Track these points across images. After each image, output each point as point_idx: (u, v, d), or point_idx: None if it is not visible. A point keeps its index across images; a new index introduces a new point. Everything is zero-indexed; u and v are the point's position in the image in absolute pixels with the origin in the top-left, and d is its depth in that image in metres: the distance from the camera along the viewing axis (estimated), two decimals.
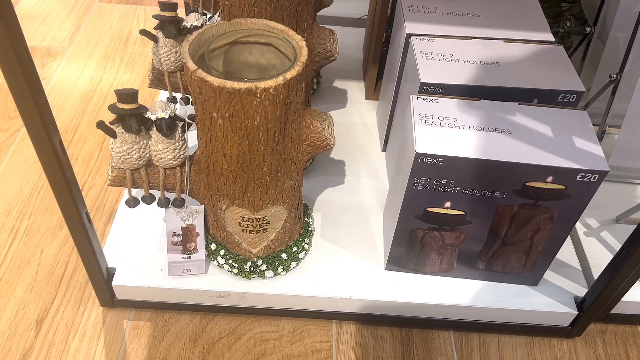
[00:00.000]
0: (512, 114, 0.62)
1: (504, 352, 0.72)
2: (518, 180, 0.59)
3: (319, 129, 0.59)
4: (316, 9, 0.76)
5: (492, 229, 0.65)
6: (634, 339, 0.75)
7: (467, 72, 0.67)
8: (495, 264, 0.69)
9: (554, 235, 0.64)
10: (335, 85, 1.00)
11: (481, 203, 0.62)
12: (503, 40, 0.72)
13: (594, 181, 0.58)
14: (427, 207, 0.63)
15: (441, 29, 0.74)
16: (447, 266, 0.70)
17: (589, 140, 0.60)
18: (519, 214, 0.62)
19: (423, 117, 0.61)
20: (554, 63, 0.69)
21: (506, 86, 0.66)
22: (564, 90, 0.66)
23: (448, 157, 0.57)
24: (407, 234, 0.67)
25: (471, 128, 0.60)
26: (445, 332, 0.73)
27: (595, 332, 0.75)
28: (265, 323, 0.72)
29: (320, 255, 0.73)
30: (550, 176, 0.58)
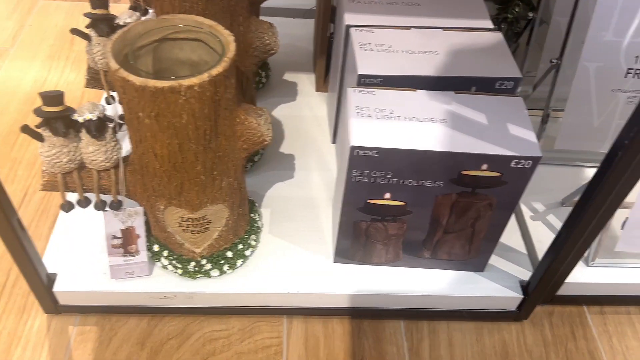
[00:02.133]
0: (448, 104, 0.63)
1: (453, 339, 0.73)
2: (454, 169, 0.59)
3: (254, 124, 0.58)
4: (254, 3, 0.75)
5: (433, 218, 0.65)
6: (580, 319, 0.76)
7: (405, 62, 0.67)
8: (440, 252, 0.70)
9: (494, 221, 0.65)
10: (285, 78, 0.99)
11: (420, 193, 0.62)
12: (442, 29, 0.72)
13: (528, 167, 0.58)
14: (368, 199, 0.63)
15: (381, 19, 0.73)
16: (393, 256, 0.71)
17: (523, 127, 0.60)
18: (458, 203, 0.63)
19: (359, 109, 0.61)
20: (492, 50, 0.70)
21: (444, 75, 0.66)
22: (501, 77, 0.66)
23: (383, 150, 0.57)
24: (351, 226, 0.67)
25: (407, 119, 0.60)
26: (395, 321, 0.74)
27: (542, 314, 0.76)
28: (215, 322, 0.72)
29: (269, 251, 0.73)
30: (485, 164, 0.58)
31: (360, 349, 0.71)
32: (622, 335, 0.75)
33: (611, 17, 0.75)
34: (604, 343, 0.74)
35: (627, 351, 0.73)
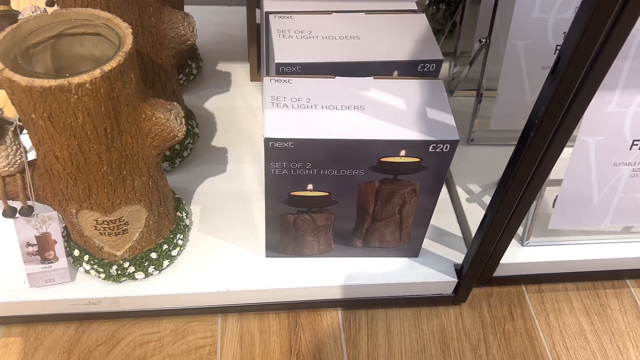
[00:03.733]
0: (367, 90, 0.61)
1: (391, 326, 0.72)
2: (373, 156, 0.58)
3: (163, 120, 0.56)
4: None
5: (359, 207, 0.64)
6: (518, 298, 0.77)
7: (325, 48, 0.65)
8: (372, 240, 0.69)
9: (421, 206, 0.64)
10: (218, 69, 0.97)
11: (342, 182, 0.60)
12: (365, 13, 0.71)
13: (446, 151, 0.57)
14: (291, 191, 0.61)
15: (301, 5, 0.71)
16: (325, 247, 0.69)
17: (441, 110, 0.59)
18: (381, 190, 0.61)
19: (275, 99, 0.59)
20: (415, 33, 0.68)
21: (365, 60, 0.64)
22: (423, 60, 0.65)
23: (298, 140, 0.55)
24: (277, 219, 0.65)
25: (324, 107, 0.59)
26: (332, 312, 0.73)
27: (481, 296, 0.76)
28: (146, 325, 0.70)
29: (199, 249, 0.71)
30: (403, 150, 0.57)
31: (296, 342, 0.70)
32: (559, 312, 0.75)
33: None
34: (541, 321, 0.74)
35: (564, 327, 0.74)
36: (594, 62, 0.48)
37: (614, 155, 0.67)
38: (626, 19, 0.45)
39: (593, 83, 0.49)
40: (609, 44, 0.46)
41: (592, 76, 0.49)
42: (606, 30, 0.45)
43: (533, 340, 0.72)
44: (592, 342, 0.72)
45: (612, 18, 0.45)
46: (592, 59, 0.47)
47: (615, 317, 0.75)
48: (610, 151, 0.67)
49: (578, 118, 0.53)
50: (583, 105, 0.52)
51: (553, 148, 0.56)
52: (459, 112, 0.92)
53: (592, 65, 0.48)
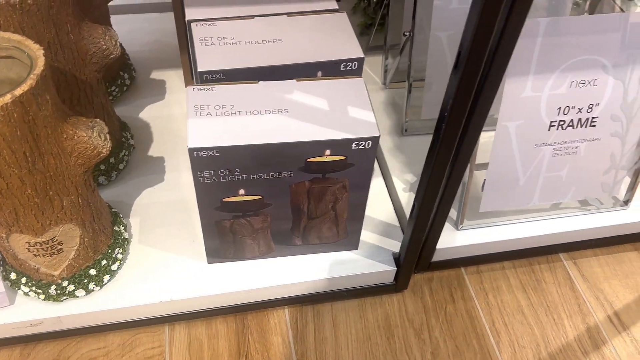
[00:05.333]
0: (290, 93, 0.62)
1: (337, 319, 0.74)
2: (299, 158, 0.59)
3: (85, 138, 0.56)
4: (86, 7, 0.71)
5: (293, 207, 0.65)
6: (458, 281, 0.80)
7: (248, 54, 0.66)
8: (310, 237, 0.70)
9: (353, 201, 0.66)
10: (153, 77, 0.96)
11: (273, 185, 0.62)
12: (287, 15, 0.72)
13: (369, 147, 0.59)
14: (223, 197, 0.62)
15: (224, 11, 0.72)
16: (265, 248, 0.71)
17: (362, 108, 0.61)
18: (312, 189, 0.63)
19: (198, 108, 0.59)
20: (336, 32, 0.70)
21: (288, 63, 0.65)
22: (345, 59, 0.67)
23: (223, 148, 0.56)
24: (214, 226, 0.66)
25: (248, 113, 0.60)
26: (279, 310, 0.74)
27: (422, 281, 0.79)
28: (92, 341, 0.70)
29: (140, 261, 0.71)
30: (328, 149, 0.59)
31: (245, 344, 0.71)
32: (497, 290, 0.79)
33: None
34: (480, 301, 0.77)
35: (502, 305, 0.77)
36: (494, 54, 0.50)
37: (534, 137, 0.71)
38: (518, 10, 0.47)
39: (496, 74, 0.52)
40: (505, 36, 0.49)
41: (494, 68, 0.52)
42: (501, 22, 0.48)
43: (473, 320, 0.75)
44: (529, 316, 0.76)
45: (505, 10, 0.47)
46: (491, 52, 0.50)
47: (550, 290, 0.79)
48: (530, 134, 0.70)
49: (488, 107, 0.56)
50: (490, 95, 0.54)
51: (469, 136, 0.58)
52: (394, 103, 0.95)
53: (493, 58, 0.50)
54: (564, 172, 0.75)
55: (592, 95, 0.69)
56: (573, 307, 0.77)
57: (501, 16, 0.47)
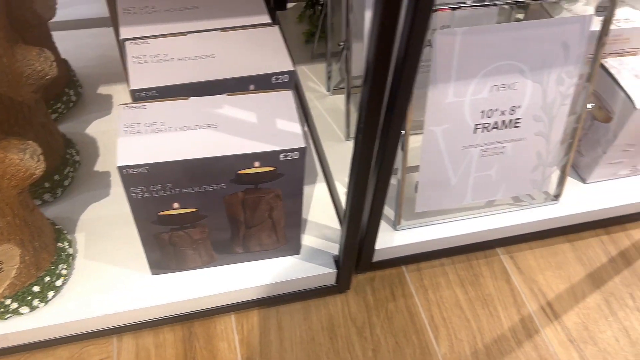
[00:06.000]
0: (220, 107, 0.65)
1: (282, 322, 0.77)
2: (229, 170, 0.61)
3: (17, 160, 0.57)
4: (22, 28, 0.72)
5: (230, 218, 0.67)
6: (399, 279, 0.83)
7: (181, 70, 0.68)
8: (251, 245, 0.73)
9: (288, 209, 0.69)
10: (99, 92, 0.97)
11: (207, 197, 0.64)
12: (220, 30, 0.74)
13: (297, 158, 0.62)
14: (159, 211, 0.64)
15: (157, 29, 0.73)
16: (207, 258, 0.73)
17: (289, 120, 0.64)
18: (246, 199, 0.65)
19: (129, 127, 0.61)
20: (268, 45, 0.72)
21: (220, 78, 0.68)
22: (276, 72, 0.69)
23: (152, 164, 0.58)
24: (153, 239, 0.68)
25: (178, 129, 0.62)
26: (226, 317, 0.77)
27: (365, 281, 0.82)
28: (41, 356, 0.71)
29: (85, 276, 0.73)
30: (257, 161, 0.61)
31: (192, 351, 0.73)
32: (436, 286, 0.82)
33: None
34: (420, 297, 0.81)
35: (441, 300, 0.81)
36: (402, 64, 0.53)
37: (461, 140, 0.74)
38: (418, 26, 0.50)
39: (406, 84, 0.55)
40: (409, 53, 0.52)
41: (404, 78, 0.55)
42: (404, 35, 0.51)
43: (413, 316, 0.79)
44: (467, 310, 0.80)
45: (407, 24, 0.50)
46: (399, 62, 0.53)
47: (486, 284, 0.83)
48: (456, 137, 0.74)
49: (403, 116, 0.59)
50: (403, 106, 0.57)
51: (389, 143, 0.61)
52: (337, 109, 0.98)
53: (402, 68, 0.54)
54: (493, 171, 0.78)
55: (513, 98, 0.72)
56: (508, 299, 0.81)
57: (404, 30, 0.50)
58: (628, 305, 0.82)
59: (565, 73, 0.72)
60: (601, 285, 0.84)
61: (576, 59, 0.71)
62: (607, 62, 0.81)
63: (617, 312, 0.81)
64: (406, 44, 0.52)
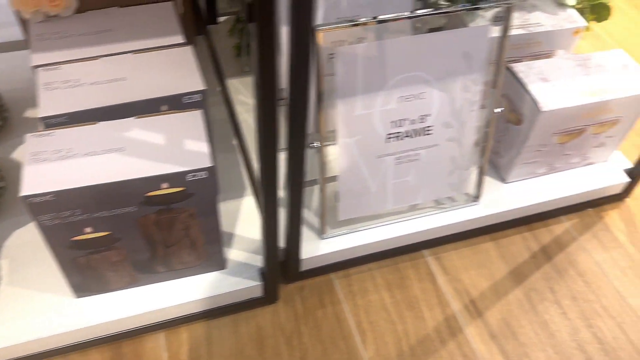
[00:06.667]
0: (128, 131, 0.66)
1: (211, 336, 0.78)
2: (138, 193, 0.63)
3: None
4: None
5: (146, 238, 0.68)
6: (327, 287, 0.85)
7: (92, 95, 0.69)
8: (173, 263, 0.74)
9: (205, 227, 0.70)
10: (27, 115, 0.97)
11: (119, 220, 0.65)
12: (132, 53, 0.75)
13: (206, 177, 0.63)
14: (72, 237, 0.65)
15: (70, 54, 0.74)
16: (129, 279, 0.74)
17: (197, 140, 0.65)
18: (160, 220, 0.67)
19: (35, 155, 0.62)
20: (180, 66, 0.73)
21: (130, 101, 0.69)
22: (187, 92, 0.70)
23: (57, 192, 0.59)
24: (70, 264, 0.68)
25: (85, 155, 0.63)
26: (154, 335, 0.77)
27: (294, 291, 0.84)
28: None
29: (10, 302, 0.73)
30: (165, 183, 0.62)
31: None
32: (364, 292, 0.84)
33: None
34: (348, 303, 0.83)
35: (369, 304, 0.83)
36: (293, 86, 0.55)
37: (375, 150, 0.77)
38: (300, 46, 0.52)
39: (299, 104, 0.57)
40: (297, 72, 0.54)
41: (296, 98, 0.57)
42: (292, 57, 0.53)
43: (341, 322, 0.81)
44: (393, 313, 0.82)
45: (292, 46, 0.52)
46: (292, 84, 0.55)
47: (412, 286, 0.85)
48: (370, 147, 0.76)
49: (303, 131, 0.61)
50: (301, 122, 0.59)
51: (294, 157, 0.63)
52: None
53: (294, 90, 0.56)
54: (410, 177, 0.81)
55: (421, 107, 0.75)
56: (433, 299, 0.84)
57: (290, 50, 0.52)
58: (548, 299, 0.85)
59: (470, 81, 0.75)
60: (523, 280, 0.87)
61: (479, 67, 0.74)
62: (516, 66, 0.85)
63: (537, 306, 0.84)
64: (294, 65, 0.54)
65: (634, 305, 0.85)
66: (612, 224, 0.95)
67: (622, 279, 0.88)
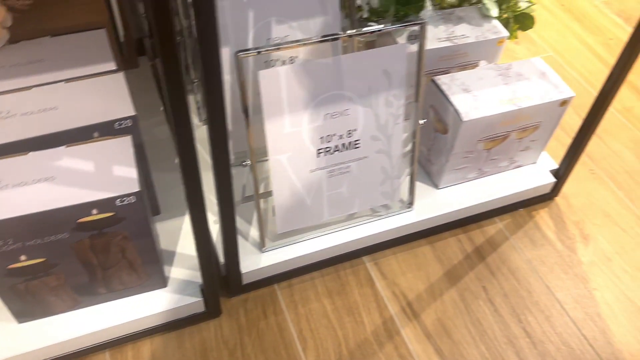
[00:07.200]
0: (59, 160, 0.68)
1: (156, 353, 0.80)
2: (69, 220, 0.65)
3: None
4: None
5: (83, 263, 0.71)
6: (270, 297, 0.88)
7: (23, 126, 0.71)
8: (113, 284, 0.76)
9: (140, 248, 0.72)
10: None
11: (53, 247, 0.67)
12: (64, 82, 0.77)
13: (134, 201, 0.66)
14: (7, 265, 0.66)
15: (2, 85, 0.75)
16: (72, 302, 0.75)
17: (126, 165, 0.67)
18: (94, 245, 0.69)
19: None
20: (111, 93, 0.75)
21: (62, 130, 0.71)
22: (117, 118, 0.73)
23: None
24: (9, 290, 0.70)
25: (16, 185, 0.64)
26: (100, 355, 0.79)
27: (238, 304, 0.87)
28: None
29: None
30: (94, 209, 0.65)
31: None
32: (306, 300, 0.88)
33: (228, 35, 0.84)
34: (290, 312, 0.86)
35: (310, 313, 0.86)
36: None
37: (307, 165, 0.80)
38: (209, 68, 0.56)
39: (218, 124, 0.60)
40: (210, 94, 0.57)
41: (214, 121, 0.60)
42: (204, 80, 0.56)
43: (283, 331, 0.84)
44: (333, 320, 0.86)
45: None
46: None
47: (352, 292, 0.89)
48: (301, 162, 0.79)
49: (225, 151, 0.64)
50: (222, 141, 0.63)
51: (220, 176, 0.66)
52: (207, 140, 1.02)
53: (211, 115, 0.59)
54: (344, 188, 0.85)
55: (347, 123, 0.79)
56: (372, 304, 0.88)
57: None
58: (481, 297, 0.90)
59: (392, 96, 0.79)
60: (457, 281, 0.91)
61: (399, 83, 0.78)
62: (440, 78, 0.89)
63: (470, 305, 0.88)
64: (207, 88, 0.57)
65: (561, 299, 0.90)
66: (542, 222, 1.01)
67: (550, 274, 0.93)
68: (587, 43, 1.41)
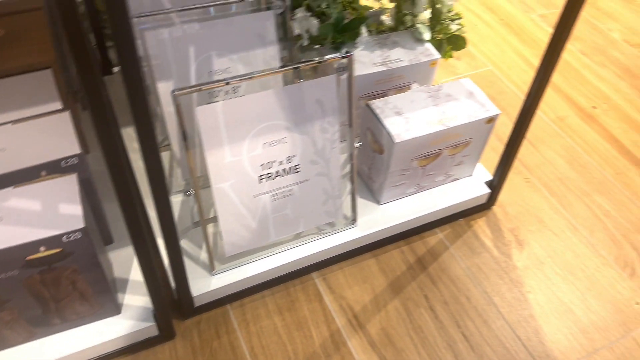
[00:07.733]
0: (6, 200, 0.71)
1: None
2: (18, 258, 0.68)
3: None
4: None
5: (35, 297, 0.74)
6: (223, 318, 0.92)
7: None
8: (67, 315, 0.79)
9: (91, 279, 0.76)
10: None
11: (4, 284, 0.70)
12: (11, 123, 0.80)
13: (80, 237, 0.70)
14: None
15: None
16: (27, 334, 0.79)
17: (72, 203, 0.71)
18: (44, 279, 0.72)
19: None
20: (58, 131, 0.79)
21: (9, 171, 0.74)
22: (64, 157, 0.76)
23: None
24: None
25: None
26: None
27: (192, 325, 0.91)
28: None
29: None
30: (42, 246, 0.68)
31: None
32: (257, 318, 0.92)
33: (170, 69, 0.89)
34: (242, 331, 0.90)
35: (261, 330, 0.91)
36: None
37: (250, 190, 0.85)
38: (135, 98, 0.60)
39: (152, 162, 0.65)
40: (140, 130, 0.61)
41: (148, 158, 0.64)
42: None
43: (235, 349, 0.88)
44: (284, 335, 0.90)
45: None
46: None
47: (302, 307, 0.94)
48: (245, 188, 0.84)
49: (163, 185, 0.68)
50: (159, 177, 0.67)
51: (159, 206, 0.70)
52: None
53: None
54: (288, 210, 0.89)
55: (286, 149, 0.84)
56: (320, 318, 0.93)
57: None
58: (422, 305, 0.95)
59: (326, 123, 0.84)
60: (400, 291, 0.97)
61: (332, 111, 0.84)
62: (374, 103, 0.95)
63: (412, 313, 0.94)
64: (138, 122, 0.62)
65: (497, 303, 0.96)
66: (480, 231, 1.07)
67: (487, 280, 0.99)
68: (524, 56, 1.50)
